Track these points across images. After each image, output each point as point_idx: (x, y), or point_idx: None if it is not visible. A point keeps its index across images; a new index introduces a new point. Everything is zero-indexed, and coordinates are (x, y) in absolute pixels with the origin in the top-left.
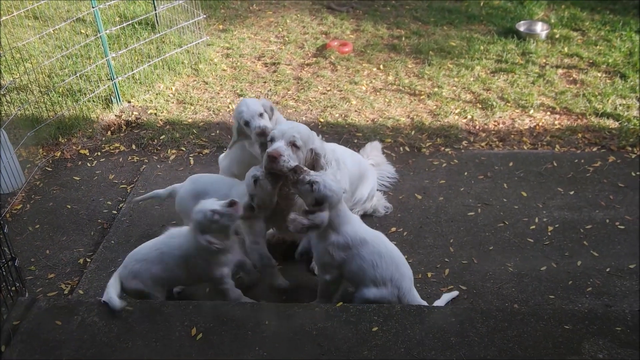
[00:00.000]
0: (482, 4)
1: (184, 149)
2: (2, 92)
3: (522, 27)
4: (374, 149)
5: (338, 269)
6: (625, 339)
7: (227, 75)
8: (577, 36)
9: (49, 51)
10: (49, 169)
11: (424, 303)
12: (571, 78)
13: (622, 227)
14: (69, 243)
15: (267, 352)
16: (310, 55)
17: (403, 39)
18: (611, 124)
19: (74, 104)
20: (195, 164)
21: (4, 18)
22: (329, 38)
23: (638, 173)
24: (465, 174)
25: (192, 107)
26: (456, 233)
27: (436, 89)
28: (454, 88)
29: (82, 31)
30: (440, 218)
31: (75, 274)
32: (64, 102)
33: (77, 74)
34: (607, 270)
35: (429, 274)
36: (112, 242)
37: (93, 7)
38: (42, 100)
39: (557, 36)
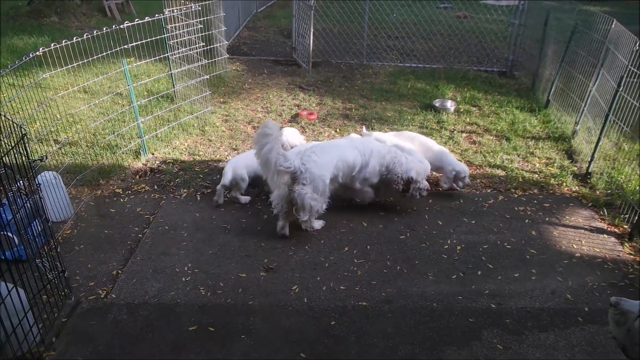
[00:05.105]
0: (409, 86)
1: (192, 189)
2: (59, 147)
3: (437, 103)
4: None
5: None
6: (512, 328)
7: (225, 135)
8: (476, 110)
9: (94, 116)
10: (92, 203)
11: None
12: (472, 140)
13: (509, 246)
14: (106, 259)
15: (252, 337)
16: (286, 120)
17: (353, 110)
18: (500, 172)
19: (112, 155)
20: (201, 200)
21: (62, 93)
22: (300, 108)
23: (519, 208)
24: (398, 207)
25: (199, 158)
26: (392, 251)
27: None
28: None
29: (120, 102)
30: (381, 240)
31: (109, 282)
32: (105, 153)
33: (115, 133)
34: (499, 278)
35: (373, 282)
36: (138, 258)
37: (128, 85)
38: (88, 152)
39: (462, 110)
